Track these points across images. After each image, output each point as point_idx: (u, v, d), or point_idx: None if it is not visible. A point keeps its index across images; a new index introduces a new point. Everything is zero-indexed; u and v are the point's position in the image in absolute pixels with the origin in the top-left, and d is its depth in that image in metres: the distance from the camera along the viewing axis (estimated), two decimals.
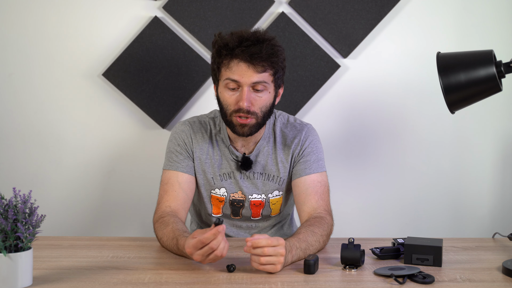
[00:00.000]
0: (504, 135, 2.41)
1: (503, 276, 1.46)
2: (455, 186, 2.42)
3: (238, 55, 1.69)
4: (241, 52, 1.68)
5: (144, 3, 2.33)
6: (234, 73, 1.70)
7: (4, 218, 1.32)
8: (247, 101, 1.70)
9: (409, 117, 2.40)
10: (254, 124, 1.74)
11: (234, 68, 1.70)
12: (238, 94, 1.72)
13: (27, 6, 2.32)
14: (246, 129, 1.74)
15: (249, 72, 1.69)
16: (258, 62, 1.69)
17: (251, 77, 1.70)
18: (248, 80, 1.70)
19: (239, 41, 1.70)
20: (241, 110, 1.71)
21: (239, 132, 1.75)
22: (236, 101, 1.72)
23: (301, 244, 1.55)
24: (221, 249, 1.44)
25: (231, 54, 1.70)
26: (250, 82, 1.70)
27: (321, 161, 1.85)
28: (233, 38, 1.71)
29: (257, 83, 1.71)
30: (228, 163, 1.85)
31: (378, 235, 2.29)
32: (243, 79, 1.70)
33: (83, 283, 1.39)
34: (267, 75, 1.72)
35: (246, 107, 1.70)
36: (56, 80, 2.35)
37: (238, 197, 1.86)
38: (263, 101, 1.74)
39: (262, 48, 1.69)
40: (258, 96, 1.73)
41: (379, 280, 1.43)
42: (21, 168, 2.37)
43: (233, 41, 1.70)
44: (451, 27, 2.36)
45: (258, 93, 1.73)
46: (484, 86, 1.55)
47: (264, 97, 1.74)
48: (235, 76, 1.70)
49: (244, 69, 1.70)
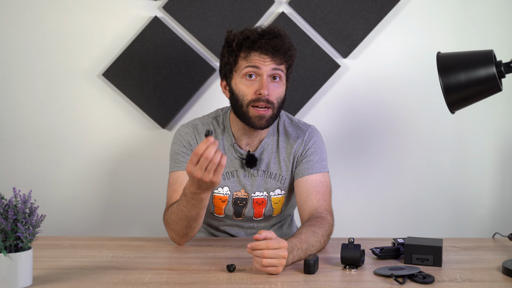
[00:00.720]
0: (504, 135, 2.41)
1: (503, 276, 1.46)
2: (455, 186, 2.42)
3: (260, 47, 1.74)
4: (264, 44, 1.73)
5: (144, 3, 2.33)
6: (255, 61, 1.75)
7: (4, 218, 1.32)
8: (267, 88, 1.74)
9: (409, 117, 2.40)
10: (271, 116, 1.77)
11: (255, 58, 1.75)
12: (256, 83, 1.75)
13: (27, 6, 2.32)
14: (263, 121, 1.76)
15: (269, 62, 1.74)
16: (279, 54, 1.75)
17: (270, 66, 1.75)
18: (268, 68, 1.74)
19: (260, 34, 1.75)
20: (261, 99, 1.74)
21: (256, 125, 1.77)
22: (254, 91, 1.75)
23: (302, 245, 1.55)
24: (216, 157, 1.46)
25: (253, 46, 1.75)
26: (270, 70, 1.75)
27: (324, 162, 1.86)
28: (253, 33, 1.76)
29: (276, 73, 1.76)
30: (231, 162, 1.86)
31: (378, 235, 2.29)
32: (264, 67, 1.74)
33: (83, 283, 1.39)
34: (283, 67, 1.78)
35: (266, 95, 1.73)
36: (56, 80, 2.35)
37: (241, 196, 1.87)
38: (279, 92, 1.78)
39: (284, 42, 1.75)
40: (275, 87, 1.77)
41: (379, 280, 1.43)
42: (21, 168, 2.37)
43: (254, 35, 1.75)
44: (451, 27, 2.36)
45: (275, 83, 1.77)
46: (484, 86, 1.55)
47: (280, 88, 1.78)
48: (256, 63, 1.74)
49: (265, 59, 1.74)
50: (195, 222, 1.67)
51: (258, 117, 1.75)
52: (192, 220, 1.66)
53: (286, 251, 1.45)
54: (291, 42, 1.79)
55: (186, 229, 1.69)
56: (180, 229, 1.69)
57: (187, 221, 1.66)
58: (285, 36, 1.77)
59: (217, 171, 1.48)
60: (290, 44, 1.78)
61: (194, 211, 1.62)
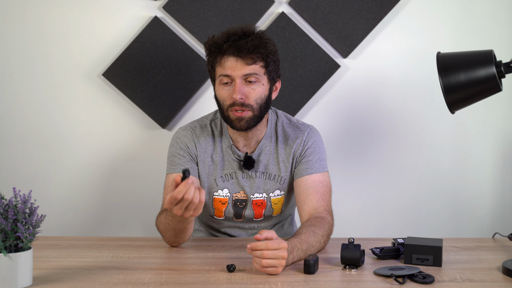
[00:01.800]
0: (504, 135, 2.41)
1: (503, 276, 1.46)
2: (455, 186, 2.42)
3: (226, 50, 1.74)
4: (228, 46, 1.73)
5: (144, 3, 2.33)
6: (226, 69, 1.74)
7: (4, 218, 1.32)
8: (240, 93, 1.73)
9: (409, 117, 2.40)
10: (251, 117, 1.76)
11: (225, 64, 1.75)
12: (231, 88, 1.75)
13: (27, 6, 2.32)
14: (243, 122, 1.76)
15: (238, 65, 1.73)
16: (245, 54, 1.73)
17: (241, 69, 1.73)
18: (238, 73, 1.73)
19: (226, 37, 1.75)
20: (236, 103, 1.74)
21: (236, 127, 1.77)
22: (230, 95, 1.75)
23: (302, 245, 1.55)
24: (196, 197, 1.46)
25: (220, 51, 1.75)
26: (241, 75, 1.74)
27: (323, 162, 1.85)
28: (221, 36, 1.77)
29: (249, 75, 1.74)
30: (230, 164, 1.85)
31: (378, 235, 2.30)
32: (234, 73, 1.73)
33: (83, 283, 1.39)
34: (258, 67, 1.75)
35: (239, 99, 1.73)
36: (56, 80, 2.35)
37: (240, 197, 1.86)
38: (257, 93, 1.76)
39: (248, 41, 1.73)
40: (252, 88, 1.75)
41: (379, 280, 1.43)
42: (21, 168, 2.37)
43: (221, 38, 1.76)
44: (451, 27, 2.36)
45: (251, 85, 1.75)
46: (484, 86, 1.55)
47: (258, 89, 1.76)
48: (226, 71, 1.74)
49: (233, 63, 1.74)
50: (183, 233, 1.68)
51: (237, 119, 1.76)
52: (180, 232, 1.67)
53: (286, 251, 1.45)
54: (262, 40, 1.75)
55: (175, 238, 1.70)
56: (169, 237, 1.71)
57: (174, 232, 1.67)
58: (251, 35, 1.75)
59: (197, 208, 1.48)
60: (259, 42, 1.74)
61: (181, 225, 1.64)
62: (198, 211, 1.49)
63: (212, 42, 1.77)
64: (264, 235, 1.45)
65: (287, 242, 1.48)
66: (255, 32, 1.76)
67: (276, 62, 1.81)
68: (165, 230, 1.69)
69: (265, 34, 1.79)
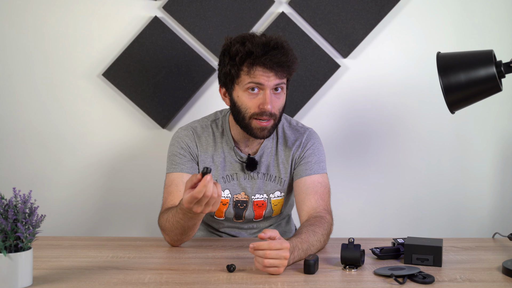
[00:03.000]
0: (504, 135, 2.41)
1: (503, 276, 1.46)
2: (455, 186, 2.42)
3: (264, 63, 1.70)
4: (268, 60, 1.70)
5: (144, 3, 2.33)
6: (258, 77, 1.71)
7: (4, 218, 1.32)
8: (271, 103, 1.73)
9: (409, 117, 2.40)
10: (272, 126, 1.77)
11: (257, 73, 1.71)
12: (259, 97, 1.74)
13: (27, 6, 2.32)
14: (265, 132, 1.76)
15: (272, 77, 1.72)
16: (283, 70, 1.72)
17: (274, 81, 1.73)
18: (271, 83, 1.73)
19: (264, 49, 1.71)
20: (265, 113, 1.73)
21: (258, 135, 1.77)
22: (257, 104, 1.73)
23: (303, 245, 1.55)
24: (215, 192, 1.47)
25: (256, 62, 1.71)
26: (273, 85, 1.73)
27: (322, 163, 1.86)
28: (255, 46, 1.71)
29: (278, 86, 1.75)
30: (231, 165, 1.85)
31: (378, 235, 2.30)
32: (267, 83, 1.72)
33: (83, 283, 1.39)
34: (285, 79, 1.77)
35: (270, 109, 1.72)
36: (56, 80, 2.35)
37: (241, 198, 1.87)
38: (281, 102, 1.78)
39: (288, 56, 1.72)
40: (277, 98, 1.76)
41: (379, 280, 1.43)
42: (21, 168, 2.37)
43: (257, 50, 1.70)
44: (451, 27, 2.36)
45: (277, 94, 1.76)
46: (484, 86, 1.55)
47: (281, 98, 1.78)
48: (259, 80, 1.71)
49: (268, 73, 1.71)
50: (191, 230, 1.68)
51: (260, 128, 1.75)
52: (189, 229, 1.66)
53: (288, 252, 1.45)
54: (293, 54, 1.76)
55: (181, 236, 1.70)
56: (175, 235, 1.70)
57: (183, 230, 1.66)
58: (288, 49, 1.74)
59: (216, 202, 1.49)
60: (293, 57, 1.75)
61: (191, 222, 1.63)
62: (217, 205, 1.50)
63: (246, 52, 1.70)
64: (268, 234, 1.45)
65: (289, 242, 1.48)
66: (288, 47, 1.75)
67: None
68: (172, 228, 1.67)
69: (290, 45, 1.77)
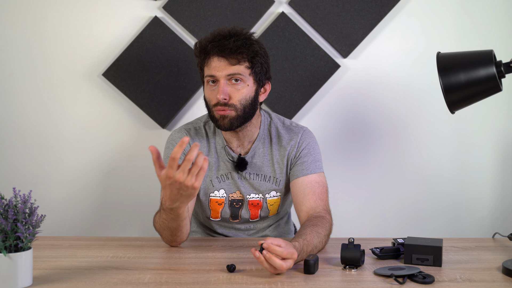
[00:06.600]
0: (504, 135, 2.41)
1: (503, 276, 1.46)
2: (455, 186, 2.42)
3: (211, 50, 1.75)
4: (212, 47, 1.74)
5: (144, 3, 2.33)
6: (211, 69, 1.76)
7: (4, 218, 1.32)
8: (223, 93, 1.74)
9: (409, 117, 2.40)
10: (234, 117, 1.76)
11: (211, 64, 1.76)
12: (216, 88, 1.76)
13: (27, 6, 2.32)
14: (226, 121, 1.76)
15: (222, 65, 1.74)
16: (228, 54, 1.73)
17: (225, 70, 1.74)
18: (222, 73, 1.74)
19: (212, 38, 1.76)
20: (219, 103, 1.75)
21: (221, 125, 1.78)
22: (214, 95, 1.76)
23: (308, 247, 1.55)
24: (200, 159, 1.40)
25: (206, 52, 1.76)
26: (225, 75, 1.74)
27: (318, 162, 1.85)
28: (207, 37, 1.78)
29: (232, 75, 1.75)
30: (225, 164, 1.86)
31: (378, 235, 2.29)
32: (218, 73, 1.74)
33: (83, 283, 1.39)
34: (242, 67, 1.75)
35: (222, 99, 1.74)
36: (56, 80, 2.35)
37: (237, 197, 1.87)
38: (242, 94, 1.76)
39: (231, 41, 1.73)
40: (236, 89, 1.76)
41: (379, 280, 1.43)
42: (21, 168, 2.37)
43: (206, 39, 1.77)
44: (451, 27, 2.36)
45: (236, 85, 1.76)
46: (484, 86, 1.55)
47: (242, 89, 1.76)
48: (211, 72, 1.75)
49: (217, 63, 1.74)
50: (179, 232, 1.67)
51: (221, 117, 1.76)
52: (175, 230, 1.66)
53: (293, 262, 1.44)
54: (247, 41, 1.75)
55: (171, 237, 1.69)
56: (166, 236, 1.70)
57: (170, 231, 1.66)
58: (242, 36, 1.75)
59: (199, 175, 1.42)
60: (242, 42, 1.74)
61: (175, 223, 1.62)
62: (200, 181, 1.42)
63: (199, 43, 1.79)
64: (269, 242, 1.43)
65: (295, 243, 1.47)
66: (241, 33, 1.76)
67: (264, 64, 1.80)
68: (161, 229, 1.68)
69: (253, 36, 1.79)
